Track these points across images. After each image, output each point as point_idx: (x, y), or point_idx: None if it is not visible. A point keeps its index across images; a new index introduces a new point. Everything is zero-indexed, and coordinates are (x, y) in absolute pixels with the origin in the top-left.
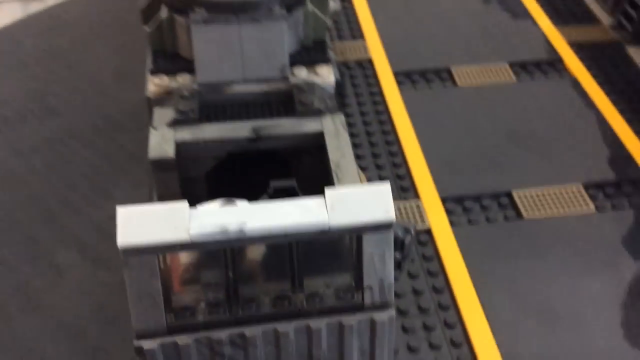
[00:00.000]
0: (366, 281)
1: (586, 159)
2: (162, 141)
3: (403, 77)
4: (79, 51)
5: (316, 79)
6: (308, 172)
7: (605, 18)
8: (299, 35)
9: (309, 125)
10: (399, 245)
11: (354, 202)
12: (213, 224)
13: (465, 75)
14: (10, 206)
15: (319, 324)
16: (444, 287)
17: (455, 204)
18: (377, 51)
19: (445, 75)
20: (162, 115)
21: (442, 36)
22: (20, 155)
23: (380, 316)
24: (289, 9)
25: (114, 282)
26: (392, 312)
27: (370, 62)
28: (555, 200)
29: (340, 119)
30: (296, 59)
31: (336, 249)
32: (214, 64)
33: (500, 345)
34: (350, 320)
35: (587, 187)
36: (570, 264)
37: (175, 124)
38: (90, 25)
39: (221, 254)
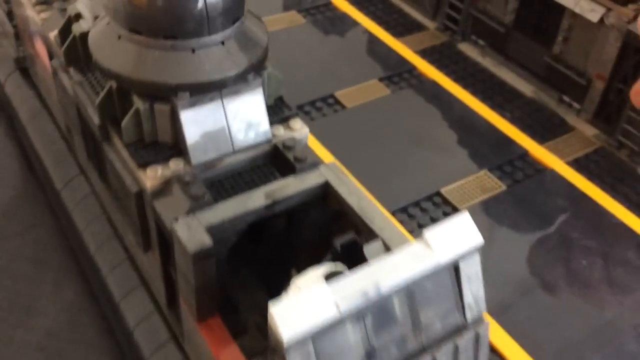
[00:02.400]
0: (466, 300)
1: (478, 147)
2: (192, 232)
3: (298, 110)
4: None
5: (294, 134)
6: (313, 221)
7: (429, 24)
8: (265, 97)
9: (312, 179)
10: None
11: (449, 236)
12: (355, 294)
13: (348, 97)
14: None
15: (441, 353)
16: None
17: (402, 214)
18: None
19: (331, 101)
20: (168, 205)
21: (317, 68)
22: None
23: (482, 329)
24: (258, 74)
25: None
26: (487, 322)
27: None
28: (475, 187)
29: (334, 166)
30: (270, 120)
31: (437, 280)
32: (205, 144)
33: None
34: (462, 340)
35: (491, 170)
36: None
37: (192, 211)
38: None
39: (360, 317)
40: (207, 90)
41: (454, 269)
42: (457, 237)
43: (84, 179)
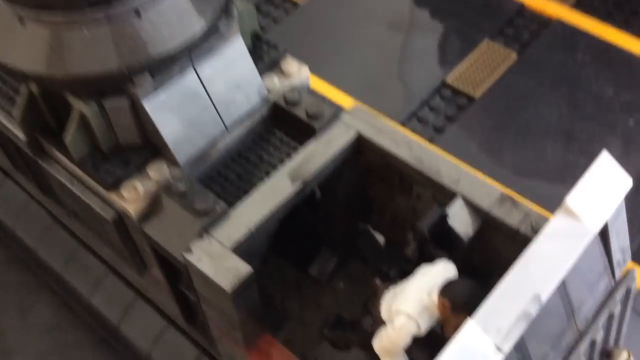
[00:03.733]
0: (614, 259)
1: (469, 16)
2: (218, 262)
3: None
4: None
5: (293, 81)
6: (344, 185)
7: None
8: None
9: (339, 137)
10: None
11: (594, 193)
12: (515, 320)
13: None
14: None
15: (596, 329)
16: None
17: (413, 121)
18: None
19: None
20: (168, 229)
21: None
22: None
23: (630, 281)
24: (230, 15)
25: None
26: (633, 270)
27: None
28: (483, 65)
29: (360, 111)
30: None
31: (587, 252)
32: (188, 132)
33: None
34: (614, 304)
35: (493, 39)
36: None
37: (205, 231)
38: None
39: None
40: (171, 61)
41: (603, 230)
42: (603, 190)
43: (12, 183)
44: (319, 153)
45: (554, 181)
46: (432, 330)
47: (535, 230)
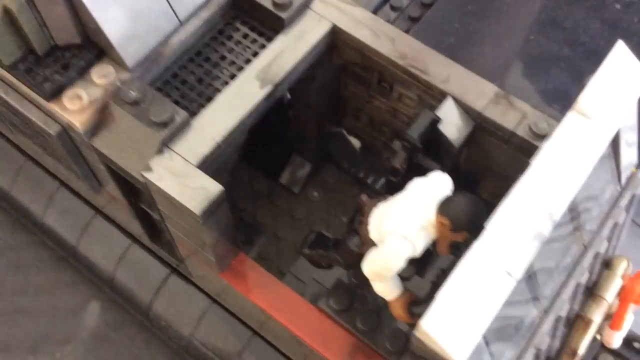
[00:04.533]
0: (622, 164)
1: None
2: (183, 180)
3: None
4: None
5: None
6: (317, 85)
7: None
8: None
9: (312, 31)
10: None
11: (608, 92)
12: (527, 244)
13: None
14: None
15: (600, 239)
16: None
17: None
18: None
19: None
20: (121, 144)
21: None
22: None
23: (636, 185)
24: None
25: None
26: (638, 172)
27: None
28: None
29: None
30: None
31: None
32: (136, 28)
33: None
34: (620, 212)
35: None
36: None
37: (165, 145)
38: None
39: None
40: None
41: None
42: (618, 87)
43: None
44: (289, 50)
45: (531, 74)
46: None
47: (536, 134)
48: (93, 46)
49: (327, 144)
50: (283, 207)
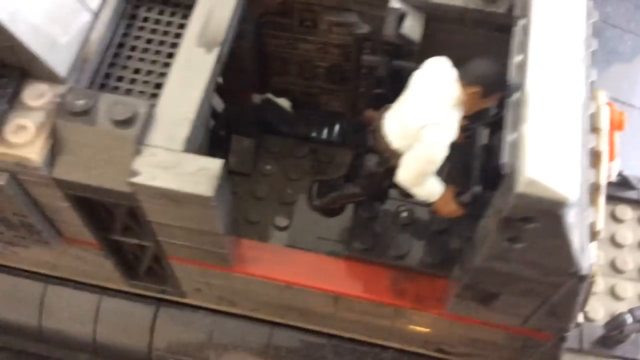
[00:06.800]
0: None
1: None
2: (182, 171)
3: None
4: None
5: None
6: (249, 42)
7: None
8: None
9: None
10: None
11: None
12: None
13: None
14: None
15: None
16: None
17: None
18: None
19: None
20: (87, 160)
21: None
22: None
23: None
24: None
25: None
26: None
27: None
28: None
29: None
30: None
31: None
32: (50, 29)
33: None
34: None
35: None
36: None
37: (140, 143)
38: None
39: None
40: None
41: None
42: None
43: None
44: (216, 8)
45: None
46: None
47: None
48: (11, 69)
49: (261, 115)
50: (243, 192)
